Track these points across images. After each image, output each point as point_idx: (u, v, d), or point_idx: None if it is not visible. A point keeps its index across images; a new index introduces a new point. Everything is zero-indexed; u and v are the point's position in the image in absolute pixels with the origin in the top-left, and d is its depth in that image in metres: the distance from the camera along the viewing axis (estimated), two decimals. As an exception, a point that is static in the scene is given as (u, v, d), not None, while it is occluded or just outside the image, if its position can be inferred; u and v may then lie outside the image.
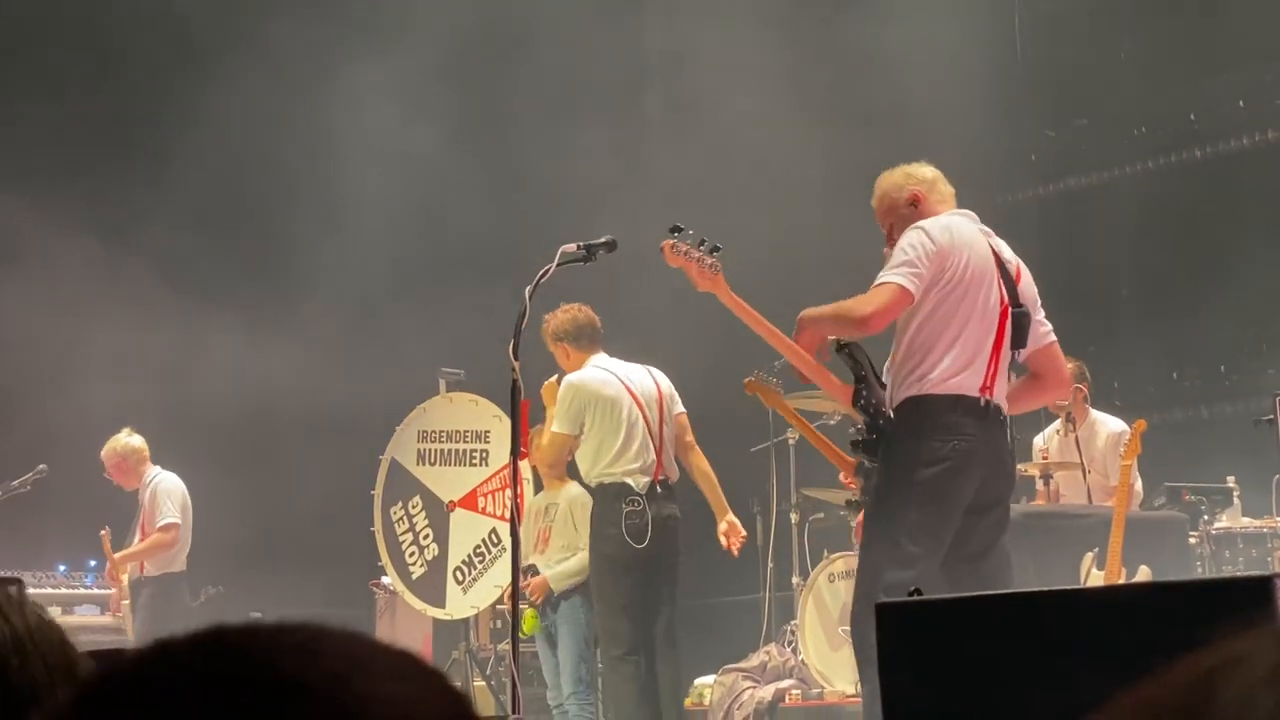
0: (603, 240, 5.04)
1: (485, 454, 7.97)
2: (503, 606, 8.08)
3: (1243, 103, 10.48)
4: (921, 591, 2.62)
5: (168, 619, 8.19)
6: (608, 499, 6.67)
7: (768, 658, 7.89)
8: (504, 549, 7.66)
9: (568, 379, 6.80)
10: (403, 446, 8.24)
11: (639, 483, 6.63)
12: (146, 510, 8.67)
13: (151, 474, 8.80)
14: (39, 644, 1.24)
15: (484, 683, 7.93)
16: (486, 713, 7.87)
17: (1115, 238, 10.84)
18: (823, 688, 7.53)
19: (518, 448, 4.86)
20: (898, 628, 2.47)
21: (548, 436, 6.85)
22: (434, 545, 8.08)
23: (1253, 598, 2.07)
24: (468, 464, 8.05)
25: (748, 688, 7.75)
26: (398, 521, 8.21)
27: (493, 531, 7.88)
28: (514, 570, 4.81)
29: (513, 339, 4.89)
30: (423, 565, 8.12)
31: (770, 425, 8.17)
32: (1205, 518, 7.79)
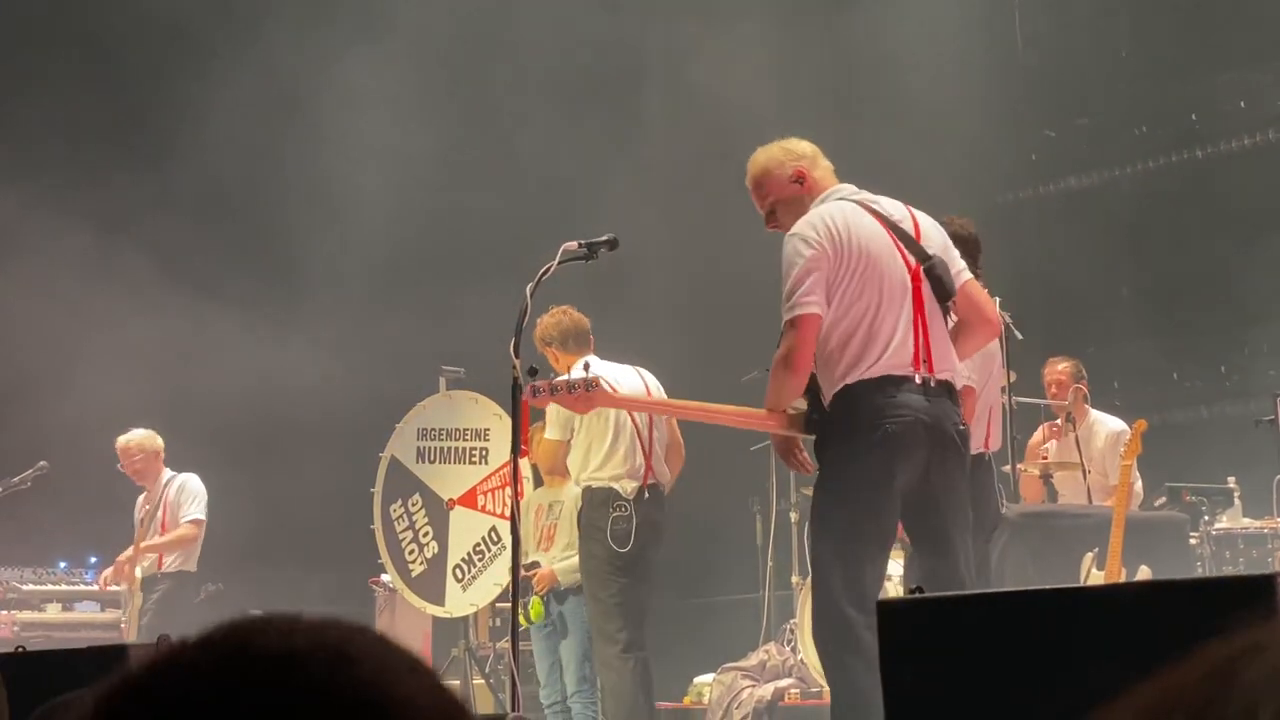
0: (604, 238, 5.03)
1: (485, 452, 7.98)
2: (503, 605, 8.08)
3: (1243, 103, 10.49)
4: (923, 590, 2.62)
5: (177, 617, 8.23)
6: (595, 503, 6.68)
7: (767, 656, 7.89)
8: (504, 547, 7.66)
9: None
10: (402, 444, 8.23)
11: (626, 488, 6.63)
12: (170, 505, 8.67)
13: (168, 474, 8.83)
14: None
15: (483, 681, 7.93)
16: (486, 710, 7.86)
17: (1115, 237, 10.84)
18: (822, 687, 7.52)
19: (518, 445, 4.86)
20: (899, 626, 2.47)
21: (542, 444, 6.91)
22: (433, 543, 8.08)
23: (1254, 597, 2.07)
24: (467, 462, 8.05)
25: (747, 686, 7.75)
26: (397, 519, 8.21)
27: (492, 529, 7.88)
28: (514, 568, 4.81)
29: (513, 337, 4.89)
30: (422, 563, 8.12)
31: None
32: (1206, 518, 7.79)
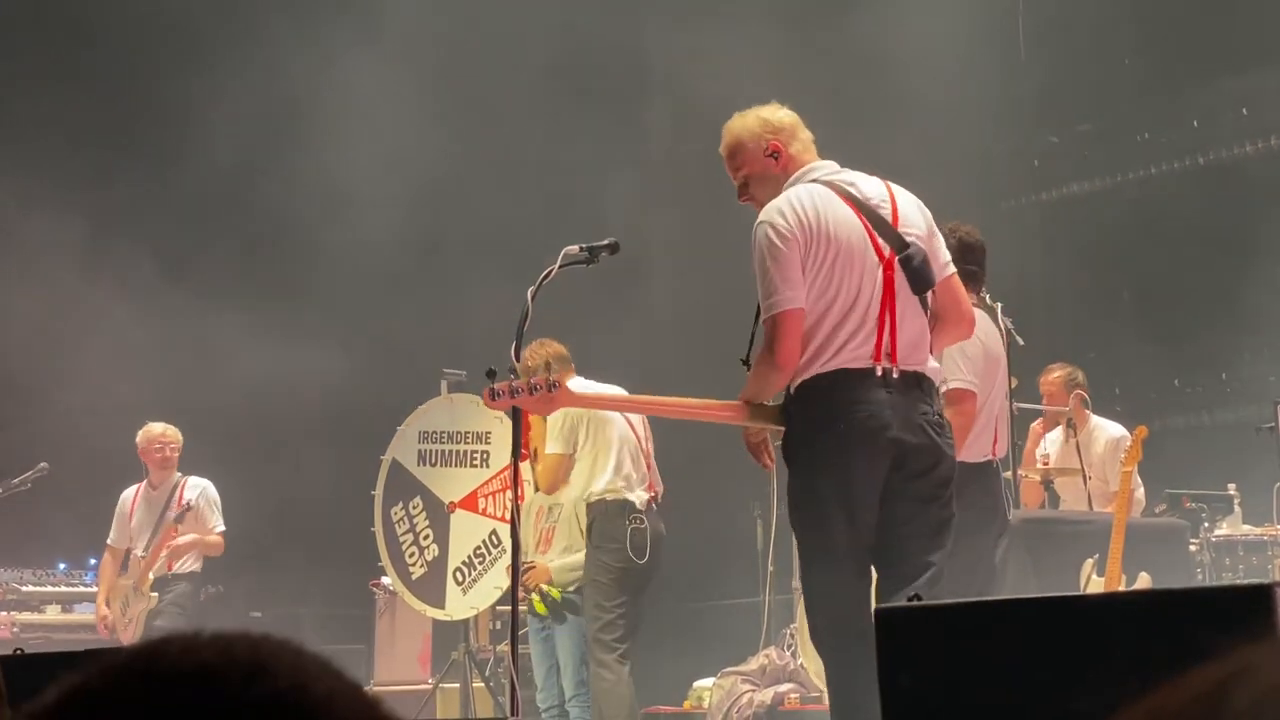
0: (606, 242, 5.03)
1: (486, 455, 7.98)
2: (503, 608, 8.08)
3: (1246, 109, 10.49)
4: (921, 597, 2.61)
5: (192, 618, 8.25)
6: (610, 515, 6.74)
7: (767, 661, 7.88)
8: (504, 550, 7.66)
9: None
10: (404, 447, 8.24)
11: (640, 499, 6.74)
12: (200, 512, 8.59)
13: (177, 474, 8.75)
14: None
15: (483, 684, 7.93)
16: (485, 714, 7.85)
17: (1118, 244, 10.84)
18: (821, 691, 7.52)
19: (519, 449, 4.86)
20: (899, 634, 2.47)
21: (543, 460, 6.94)
22: (434, 546, 8.08)
23: (1253, 606, 2.07)
24: (468, 465, 8.05)
25: (747, 691, 7.75)
26: (398, 522, 8.21)
27: (493, 533, 7.88)
28: (514, 572, 4.80)
29: (515, 340, 4.89)
30: (423, 566, 8.12)
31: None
32: (1206, 525, 7.80)
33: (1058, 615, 2.40)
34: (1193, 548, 7.65)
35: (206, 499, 8.66)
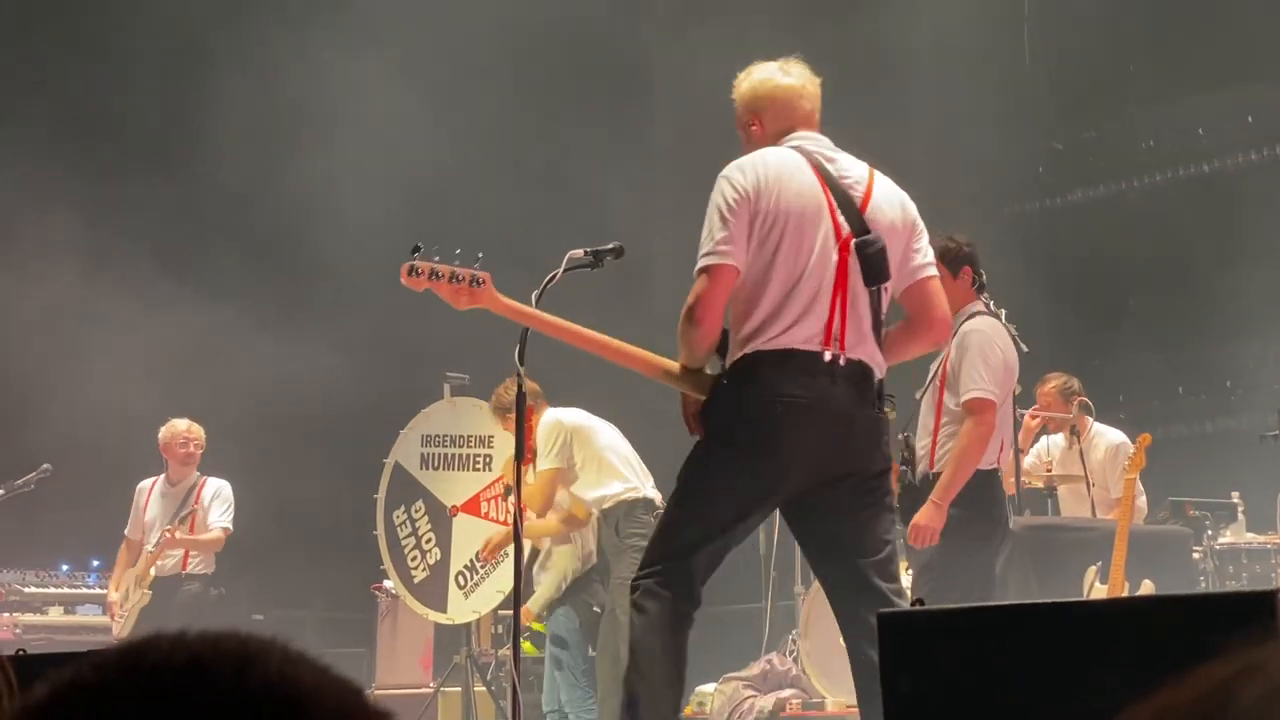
0: (610, 246, 5.02)
1: (489, 459, 7.99)
2: (505, 612, 8.08)
3: (1251, 118, 10.49)
4: (923, 601, 2.61)
5: (203, 619, 8.22)
6: (635, 512, 6.91)
7: (769, 666, 7.88)
8: (506, 554, 7.67)
9: (544, 418, 7.14)
10: (406, 450, 8.24)
11: (658, 496, 6.86)
12: (206, 507, 8.57)
13: (198, 474, 8.72)
14: None
15: (484, 688, 7.92)
16: (487, 718, 7.86)
17: (1122, 251, 10.83)
18: (824, 697, 7.52)
19: (522, 453, 4.85)
20: (900, 638, 2.46)
21: (536, 478, 6.97)
22: (436, 549, 8.09)
23: (1255, 613, 2.07)
24: (471, 469, 8.06)
25: (749, 696, 7.75)
26: (400, 525, 8.21)
27: (495, 536, 7.88)
28: (516, 575, 4.80)
29: (518, 345, 4.88)
30: (425, 569, 8.13)
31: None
32: (1209, 533, 7.78)
33: (1061, 620, 2.40)
34: (1196, 555, 7.64)
35: (217, 495, 8.62)
